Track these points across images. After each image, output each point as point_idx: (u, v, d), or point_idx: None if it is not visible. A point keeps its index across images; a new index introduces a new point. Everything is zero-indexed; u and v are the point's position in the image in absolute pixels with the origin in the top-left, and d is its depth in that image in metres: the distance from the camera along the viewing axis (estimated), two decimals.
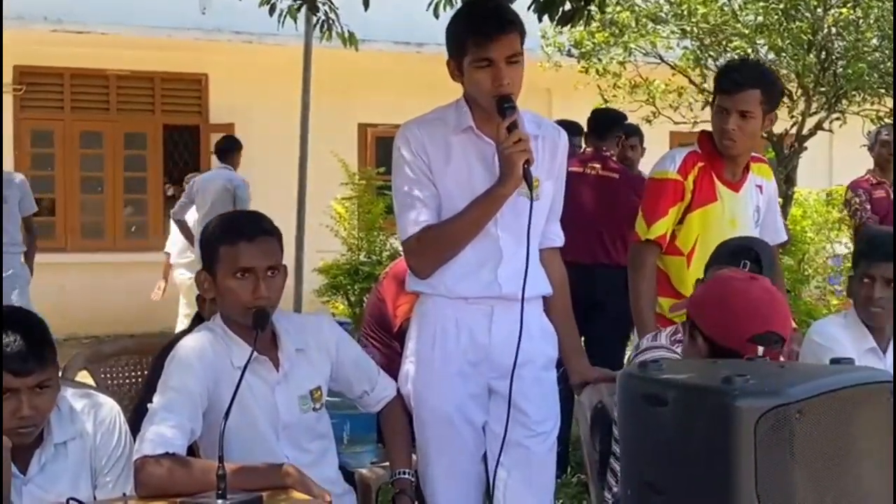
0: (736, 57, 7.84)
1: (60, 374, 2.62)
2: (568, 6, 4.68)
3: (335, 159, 9.54)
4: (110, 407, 2.61)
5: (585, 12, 4.73)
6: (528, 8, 4.75)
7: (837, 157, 11.90)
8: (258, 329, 2.57)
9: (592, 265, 5.15)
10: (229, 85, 11.03)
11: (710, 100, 3.64)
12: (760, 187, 3.67)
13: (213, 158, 9.21)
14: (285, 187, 8.91)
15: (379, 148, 11.85)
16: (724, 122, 3.45)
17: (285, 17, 5.60)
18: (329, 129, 10.11)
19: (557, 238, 3.05)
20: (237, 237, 2.66)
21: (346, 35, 5.82)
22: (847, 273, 9.96)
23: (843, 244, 10.09)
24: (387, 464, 3.61)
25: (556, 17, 4.70)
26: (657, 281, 3.55)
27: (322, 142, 9.29)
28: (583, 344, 3.43)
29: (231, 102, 11.02)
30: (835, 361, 1.99)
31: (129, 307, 10.19)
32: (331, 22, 5.71)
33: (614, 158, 5.59)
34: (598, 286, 5.02)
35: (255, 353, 2.57)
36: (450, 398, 2.88)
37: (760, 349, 2.34)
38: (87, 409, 2.57)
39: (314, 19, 5.97)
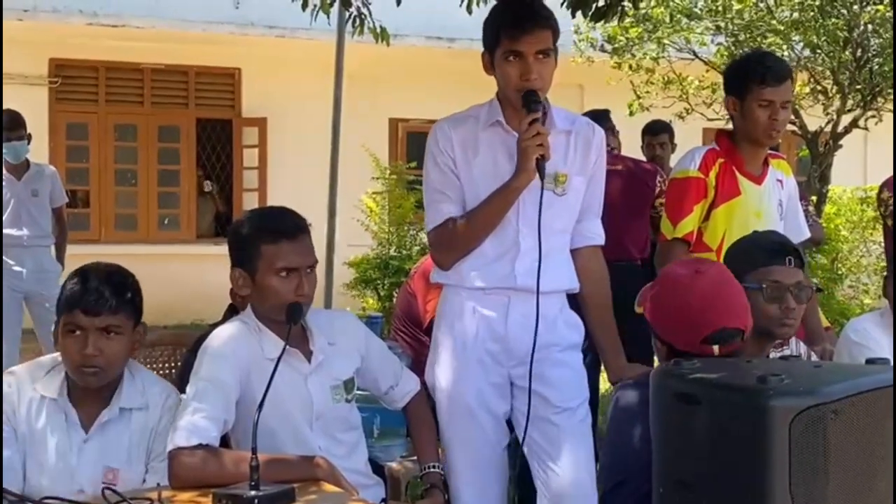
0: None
1: None
2: (602, 2, 4.66)
3: (366, 154, 9.57)
4: (178, 398, 2.66)
5: (619, 9, 4.71)
6: (562, 4, 4.73)
7: (872, 155, 11.77)
8: (291, 323, 2.58)
9: (609, 261, 5.10)
10: (262, 79, 11.09)
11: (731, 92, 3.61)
12: (781, 182, 3.67)
13: None
14: (317, 181, 8.94)
15: (410, 143, 11.87)
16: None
17: (318, 12, 5.60)
18: (360, 124, 10.13)
19: (597, 236, 3.08)
20: (279, 236, 2.67)
21: (378, 31, 5.81)
22: (882, 272, 9.89)
23: (878, 243, 10.01)
24: (416, 458, 3.63)
25: (590, 13, 4.68)
26: None
27: (353, 136, 9.31)
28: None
29: (264, 96, 11.07)
30: (870, 361, 1.97)
31: (161, 299, 10.18)
32: (363, 17, 5.70)
33: (615, 152, 5.50)
34: (616, 282, 4.98)
35: (287, 346, 2.59)
36: (469, 387, 2.93)
37: (716, 348, 2.29)
38: (159, 390, 2.66)
39: (346, 14, 5.97)
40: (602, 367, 3.34)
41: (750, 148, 3.57)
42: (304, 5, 5.66)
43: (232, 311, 3.59)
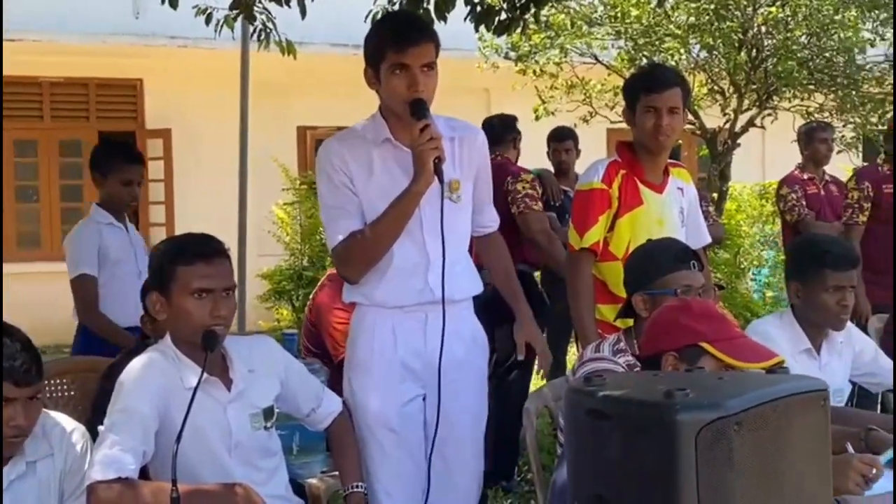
0: (669, 57, 7.99)
1: None
2: (504, 16, 4.74)
3: (275, 163, 9.51)
4: (82, 432, 2.63)
5: (521, 22, 4.79)
6: (465, 18, 4.80)
7: (769, 151, 12.13)
8: (208, 350, 2.59)
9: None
10: (165, 90, 10.94)
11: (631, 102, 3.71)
12: (681, 189, 3.79)
13: None
14: (226, 192, 8.83)
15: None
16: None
17: (222, 26, 5.57)
18: (268, 133, 10.05)
19: (492, 223, 3.26)
20: (195, 258, 2.68)
21: (285, 44, 5.80)
22: (781, 264, 10.19)
23: (778, 237, 10.33)
24: (336, 473, 3.65)
25: (493, 27, 4.76)
26: (595, 289, 3.62)
27: (262, 145, 9.24)
28: None
29: (167, 107, 10.93)
30: (770, 372, 2.06)
31: (67, 317, 10.04)
32: (268, 31, 5.68)
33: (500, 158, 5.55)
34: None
35: (206, 374, 2.59)
36: (392, 403, 2.98)
37: None
38: (60, 431, 2.59)
39: (251, 27, 5.93)
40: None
41: (649, 158, 3.68)
42: (208, 19, 5.63)
43: (143, 338, 3.57)
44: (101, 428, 2.56)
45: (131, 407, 2.55)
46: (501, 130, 5.48)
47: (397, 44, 2.85)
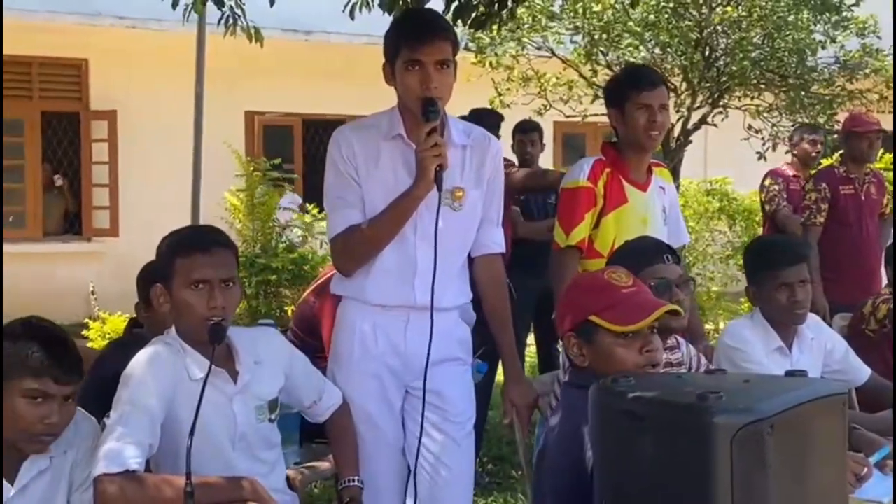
0: (626, 54, 8.07)
1: None
2: (481, 10, 4.74)
3: (224, 148, 9.38)
4: (94, 424, 2.60)
5: (498, 17, 4.80)
6: (443, 13, 4.79)
7: (711, 149, 12.32)
8: (215, 343, 2.56)
9: None
10: (111, 71, 10.76)
11: (610, 98, 3.76)
12: (663, 188, 3.85)
13: None
14: (172, 175, 8.70)
15: (266, 136, 11.71)
16: None
17: (190, 11, 5.47)
18: (216, 118, 9.92)
19: (495, 245, 3.14)
20: (192, 249, 2.66)
21: (252, 31, 5.72)
22: (727, 260, 10.37)
23: (723, 233, 10.51)
24: (310, 464, 3.66)
25: (469, 21, 4.76)
26: None
27: (210, 130, 9.13)
28: None
29: (113, 89, 10.74)
30: (790, 374, 2.11)
31: (9, 301, 9.80)
32: (237, 17, 5.59)
33: None
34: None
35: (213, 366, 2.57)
36: (370, 396, 3.00)
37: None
38: (74, 424, 2.54)
39: (220, 14, 5.81)
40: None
41: (634, 156, 3.73)
42: (175, 4, 5.51)
43: (133, 326, 3.54)
44: (106, 420, 2.54)
45: (139, 399, 2.53)
46: (495, 125, 5.56)
47: (411, 40, 2.84)
